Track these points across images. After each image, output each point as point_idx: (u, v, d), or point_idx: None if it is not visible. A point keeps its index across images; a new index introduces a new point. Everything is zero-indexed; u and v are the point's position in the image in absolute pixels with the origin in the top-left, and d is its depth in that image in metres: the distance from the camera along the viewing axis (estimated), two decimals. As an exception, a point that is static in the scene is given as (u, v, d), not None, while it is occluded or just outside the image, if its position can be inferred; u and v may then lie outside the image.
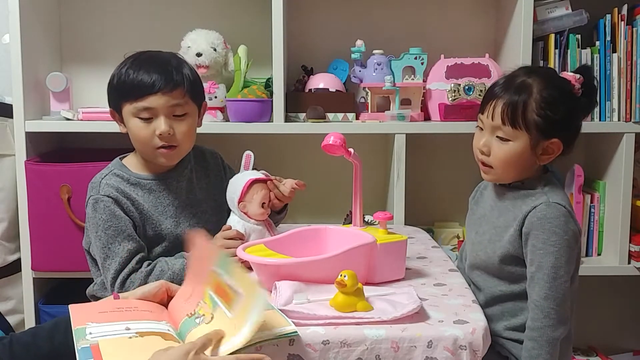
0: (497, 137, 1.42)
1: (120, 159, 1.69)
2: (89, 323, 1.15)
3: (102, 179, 1.62)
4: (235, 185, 1.58)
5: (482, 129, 1.46)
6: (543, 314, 1.34)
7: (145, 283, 1.54)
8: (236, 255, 1.48)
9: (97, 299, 1.70)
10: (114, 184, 1.60)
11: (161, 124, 1.56)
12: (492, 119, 1.41)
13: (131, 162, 1.68)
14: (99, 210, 1.57)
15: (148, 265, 1.57)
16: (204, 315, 1.18)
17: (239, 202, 1.57)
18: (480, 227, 1.52)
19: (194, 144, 1.68)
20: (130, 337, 1.13)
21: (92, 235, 1.60)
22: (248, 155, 1.62)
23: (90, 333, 1.13)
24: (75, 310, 1.19)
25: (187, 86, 1.59)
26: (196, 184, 1.72)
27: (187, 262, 1.57)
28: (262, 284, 1.38)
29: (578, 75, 1.43)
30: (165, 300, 1.30)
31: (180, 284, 1.53)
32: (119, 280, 1.55)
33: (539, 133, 1.38)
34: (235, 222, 1.59)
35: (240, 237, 1.55)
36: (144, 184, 1.64)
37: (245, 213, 1.58)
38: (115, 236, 1.56)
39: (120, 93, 1.59)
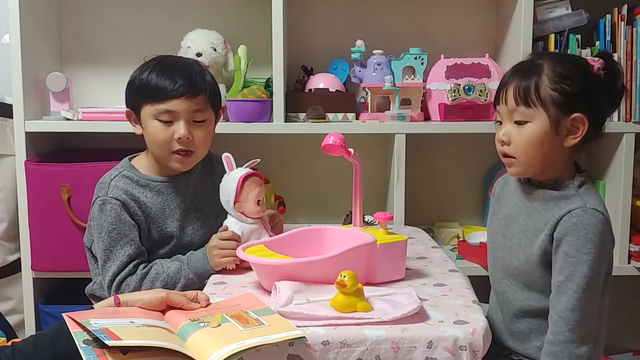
0: (515, 122, 1.33)
1: (129, 159, 1.69)
2: (90, 319, 1.15)
3: (112, 180, 1.62)
4: (228, 187, 1.58)
5: (500, 122, 1.38)
6: (567, 327, 1.24)
7: (140, 286, 1.55)
8: (233, 256, 1.49)
9: (96, 297, 1.71)
10: (122, 186, 1.61)
11: (181, 128, 1.57)
12: (506, 103, 1.33)
13: (141, 164, 1.68)
14: (106, 212, 1.58)
15: (144, 268, 1.58)
16: (209, 322, 1.18)
17: (234, 203, 1.57)
18: (507, 230, 1.43)
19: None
20: (137, 326, 1.13)
21: (95, 235, 1.61)
22: (227, 157, 1.62)
23: (96, 322, 1.12)
24: (71, 317, 1.17)
25: (209, 93, 1.61)
26: (202, 187, 1.72)
27: (183, 266, 1.58)
28: (262, 284, 1.39)
29: (597, 58, 1.35)
30: (162, 309, 1.29)
31: (173, 287, 1.54)
32: (115, 283, 1.56)
33: (558, 108, 1.29)
34: (232, 224, 1.59)
35: (236, 239, 1.55)
36: (153, 185, 1.64)
37: (242, 213, 1.58)
38: (118, 240, 1.57)
39: (142, 94, 1.59)
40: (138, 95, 1.60)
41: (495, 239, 1.47)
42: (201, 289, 1.43)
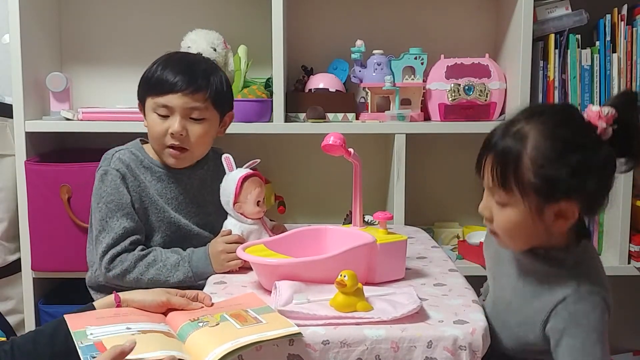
0: (495, 200, 1.18)
1: (140, 141, 1.72)
2: (88, 327, 1.15)
3: (117, 152, 1.65)
4: (228, 188, 1.58)
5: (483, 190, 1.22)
6: None
7: (134, 267, 1.55)
8: (237, 259, 1.49)
9: (97, 287, 1.69)
10: (126, 159, 1.64)
11: (175, 123, 1.59)
12: (483, 177, 1.18)
13: (150, 148, 1.70)
14: (106, 182, 1.60)
15: (142, 250, 1.58)
16: (208, 321, 1.18)
17: (234, 204, 1.57)
18: (498, 274, 1.33)
19: (215, 148, 1.68)
20: (132, 334, 1.13)
21: (93, 206, 1.63)
22: (227, 158, 1.63)
23: (92, 334, 1.13)
24: (72, 318, 1.18)
25: (211, 92, 1.61)
26: (209, 185, 1.72)
27: (183, 262, 1.58)
28: (263, 284, 1.39)
29: (607, 110, 1.10)
30: (163, 312, 1.29)
31: (167, 279, 1.54)
32: (108, 255, 1.56)
33: (540, 197, 1.11)
34: (232, 225, 1.59)
35: (242, 242, 1.55)
36: (155, 170, 1.66)
37: (241, 214, 1.58)
38: (115, 211, 1.58)
39: (146, 87, 1.64)
40: (143, 88, 1.65)
41: (489, 274, 1.39)
42: (200, 288, 1.43)
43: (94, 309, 1.26)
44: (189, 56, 1.71)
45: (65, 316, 1.19)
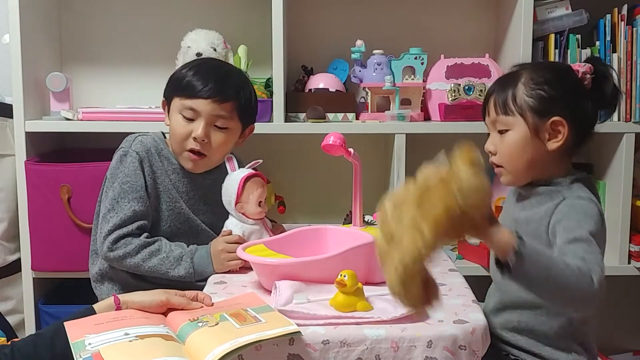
0: (498, 132, 1.37)
1: (163, 133, 1.75)
2: (87, 335, 1.15)
3: (140, 135, 1.69)
4: (230, 188, 1.59)
5: (490, 134, 1.42)
6: (586, 274, 1.10)
7: (137, 253, 1.56)
8: (237, 259, 1.49)
9: (101, 277, 1.69)
10: (147, 144, 1.67)
11: (199, 128, 1.61)
12: (489, 114, 1.39)
13: (170, 141, 1.73)
14: (125, 163, 1.63)
15: (148, 237, 1.59)
16: (207, 321, 1.18)
17: (236, 204, 1.57)
18: (504, 223, 1.46)
19: (234, 155, 1.70)
20: (130, 341, 1.13)
21: (107, 185, 1.65)
22: (229, 158, 1.64)
23: (90, 344, 1.12)
24: (71, 326, 1.19)
25: (238, 104, 1.64)
26: (220, 186, 1.72)
27: (186, 257, 1.58)
28: (263, 284, 1.39)
29: (584, 64, 1.36)
30: (163, 312, 1.29)
31: (167, 271, 1.55)
32: (113, 236, 1.57)
33: (535, 114, 1.31)
34: (233, 225, 1.60)
35: (242, 242, 1.55)
36: (172, 161, 1.69)
37: (243, 214, 1.58)
38: (129, 192, 1.60)
39: (175, 87, 1.66)
40: (172, 87, 1.68)
41: None
42: (199, 289, 1.43)
43: (94, 311, 1.26)
44: (224, 65, 1.75)
45: (65, 324, 1.19)
